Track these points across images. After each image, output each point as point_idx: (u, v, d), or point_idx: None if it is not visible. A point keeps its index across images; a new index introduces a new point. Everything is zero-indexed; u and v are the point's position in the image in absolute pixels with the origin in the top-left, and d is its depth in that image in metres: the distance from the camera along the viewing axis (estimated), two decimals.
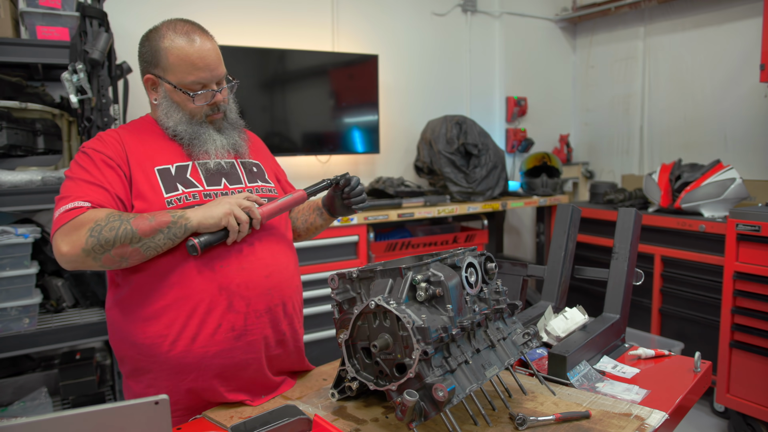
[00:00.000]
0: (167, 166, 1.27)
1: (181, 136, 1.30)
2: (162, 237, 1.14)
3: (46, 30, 2.08)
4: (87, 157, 1.24)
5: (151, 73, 1.30)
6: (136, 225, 1.12)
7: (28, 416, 1.96)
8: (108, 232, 1.10)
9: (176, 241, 1.17)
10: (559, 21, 4.31)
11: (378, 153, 3.40)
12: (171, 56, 1.25)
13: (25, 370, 2.33)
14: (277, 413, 1.08)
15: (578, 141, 4.49)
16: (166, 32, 1.28)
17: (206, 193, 1.27)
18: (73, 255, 1.12)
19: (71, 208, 1.15)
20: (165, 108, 1.30)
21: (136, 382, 1.26)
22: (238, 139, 1.37)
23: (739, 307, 2.59)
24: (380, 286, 1.09)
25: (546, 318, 1.51)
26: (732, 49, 3.46)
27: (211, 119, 1.32)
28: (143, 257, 1.16)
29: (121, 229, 1.11)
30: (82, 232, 1.11)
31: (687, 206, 3.00)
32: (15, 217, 2.26)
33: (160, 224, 1.13)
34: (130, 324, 1.23)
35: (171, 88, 1.28)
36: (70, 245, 1.11)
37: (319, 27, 3.30)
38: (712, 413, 2.87)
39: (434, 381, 0.95)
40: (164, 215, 1.15)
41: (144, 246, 1.14)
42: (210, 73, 1.27)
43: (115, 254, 1.13)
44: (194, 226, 1.16)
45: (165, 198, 1.23)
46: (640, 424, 1.08)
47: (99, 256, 1.12)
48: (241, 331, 1.24)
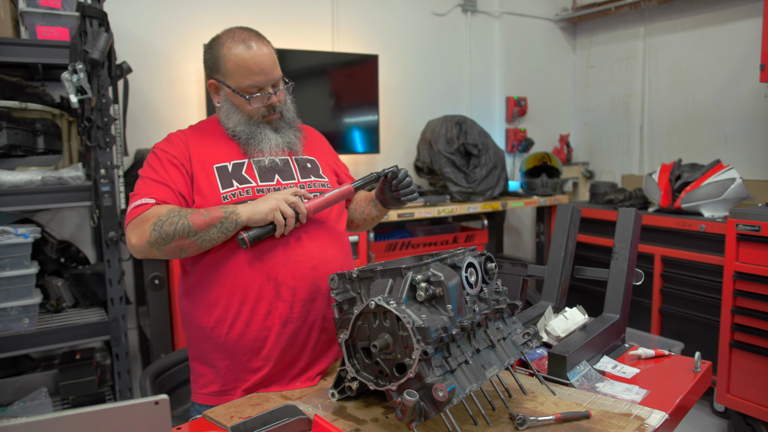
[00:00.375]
0: (225, 164, 1.37)
1: (239, 136, 1.40)
2: (215, 231, 1.25)
3: (46, 30, 2.08)
4: (155, 157, 1.37)
5: (213, 79, 1.41)
6: (192, 220, 1.23)
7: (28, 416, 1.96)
8: (168, 226, 1.23)
9: (229, 234, 1.26)
10: (559, 21, 4.31)
11: (378, 153, 3.40)
12: (229, 62, 1.35)
13: (25, 370, 2.33)
14: (277, 413, 1.08)
15: (578, 141, 4.49)
16: (226, 40, 1.37)
17: (259, 189, 1.36)
18: (140, 246, 1.25)
19: (139, 204, 1.28)
20: (226, 110, 1.41)
21: (200, 363, 1.38)
22: (293, 137, 1.45)
23: (739, 307, 2.59)
24: (380, 286, 1.09)
25: (546, 318, 1.51)
26: (732, 49, 3.46)
27: (267, 119, 1.41)
28: (200, 249, 1.28)
29: (180, 224, 1.23)
30: (147, 226, 1.24)
31: (687, 206, 3.00)
32: (15, 217, 2.26)
33: (213, 219, 1.24)
34: (195, 309, 1.36)
35: (230, 92, 1.37)
36: (138, 237, 1.25)
37: (319, 27, 3.30)
38: (712, 413, 2.87)
39: (434, 381, 0.95)
40: (217, 210, 1.25)
41: (200, 239, 1.25)
42: (265, 77, 1.36)
43: (175, 246, 1.25)
44: (244, 221, 1.25)
45: (221, 193, 1.33)
46: (640, 424, 1.08)
47: (162, 248, 1.25)
48: (287, 318, 1.33)
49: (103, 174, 2.12)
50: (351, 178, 1.62)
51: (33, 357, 2.41)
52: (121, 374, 2.20)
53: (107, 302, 2.17)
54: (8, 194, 1.98)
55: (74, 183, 2.10)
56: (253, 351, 1.32)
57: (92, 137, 2.10)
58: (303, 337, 1.35)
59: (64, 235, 2.61)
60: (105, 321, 2.18)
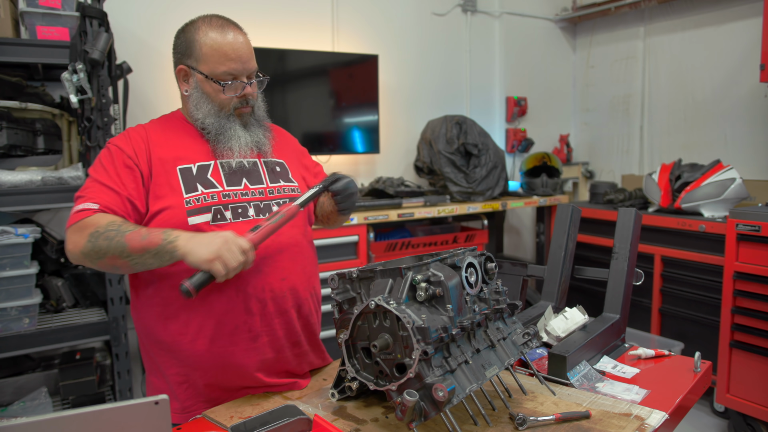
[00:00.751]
0: (189, 166, 1.29)
1: (209, 130, 1.32)
2: (149, 256, 1.14)
3: (46, 30, 2.08)
4: (108, 154, 1.27)
5: (183, 64, 1.31)
6: (128, 240, 1.13)
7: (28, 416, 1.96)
8: (103, 240, 1.13)
9: (164, 263, 1.15)
10: (559, 21, 4.31)
11: (378, 153, 3.40)
12: (204, 47, 1.27)
13: (25, 370, 2.33)
14: (277, 413, 1.08)
15: (578, 141, 4.49)
16: (201, 25, 1.30)
17: (225, 194, 1.29)
18: (74, 254, 1.18)
19: (82, 209, 1.19)
20: (195, 99, 1.32)
21: (158, 378, 1.32)
22: (262, 137, 1.38)
23: (739, 307, 2.59)
24: (380, 286, 1.09)
25: (546, 318, 1.51)
26: (732, 49, 3.46)
27: (239, 112, 1.33)
28: (133, 270, 1.19)
29: (114, 241, 1.13)
30: (83, 235, 1.16)
31: (687, 206, 3.00)
32: (15, 217, 2.26)
33: (150, 244, 1.12)
34: (152, 322, 1.28)
35: (202, 78, 1.29)
36: (73, 245, 1.18)
37: (319, 27, 3.30)
38: (712, 413, 2.87)
39: (434, 381, 0.95)
40: (157, 235, 1.13)
41: (132, 261, 1.15)
42: (242, 65, 1.29)
43: (108, 263, 1.16)
44: (180, 256, 1.12)
45: (184, 198, 1.25)
46: (640, 424, 1.08)
47: (95, 261, 1.17)
48: (257, 333, 1.28)
49: None
50: (321, 177, 1.55)
51: (33, 357, 2.41)
52: (121, 374, 2.20)
53: (107, 302, 2.17)
54: (8, 194, 1.98)
55: (74, 183, 2.10)
56: (219, 367, 1.26)
57: (92, 137, 2.10)
58: (273, 353, 1.30)
59: (64, 235, 2.61)
60: (105, 321, 2.18)
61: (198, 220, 1.25)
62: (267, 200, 1.35)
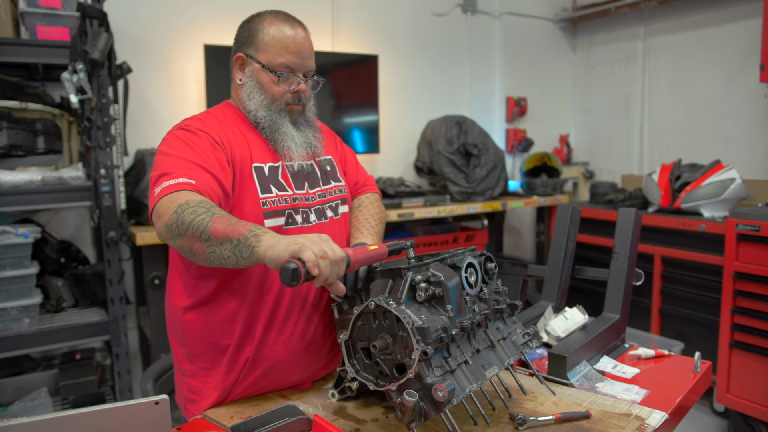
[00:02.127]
0: (261, 165, 1.26)
1: (262, 125, 1.29)
2: (228, 248, 0.98)
3: (46, 30, 2.08)
4: (191, 134, 1.19)
5: (242, 52, 1.30)
6: (214, 222, 0.99)
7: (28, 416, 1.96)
8: (189, 215, 1.01)
9: (239, 262, 0.99)
10: (559, 21, 4.31)
11: (378, 153, 3.40)
12: (267, 36, 1.26)
13: (25, 370, 2.33)
14: (277, 413, 1.08)
15: (578, 141, 4.49)
16: (267, 16, 1.29)
17: (294, 197, 1.27)
18: (159, 228, 1.06)
19: (175, 183, 1.08)
20: (249, 89, 1.29)
21: (201, 381, 1.28)
22: (312, 137, 1.35)
23: (739, 307, 2.59)
24: (380, 286, 1.09)
25: (546, 318, 1.51)
26: (732, 49, 3.46)
27: (290, 108, 1.31)
28: (207, 262, 1.03)
29: (199, 218, 1.00)
30: (171, 207, 1.04)
31: (687, 206, 3.00)
32: (15, 217, 2.26)
33: (233, 233, 0.98)
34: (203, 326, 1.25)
35: (259, 68, 1.27)
36: (159, 218, 1.06)
37: (319, 27, 3.30)
38: (712, 413, 2.87)
39: (434, 381, 0.95)
40: (245, 226, 0.99)
41: (209, 249, 1.00)
42: (300, 60, 1.28)
43: (186, 243, 1.02)
44: (260, 254, 0.95)
45: (260, 198, 1.21)
46: (640, 424, 1.08)
47: (175, 239, 1.03)
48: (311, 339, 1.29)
49: (103, 174, 2.12)
50: (361, 170, 1.56)
51: (33, 357, 2.41)
52: (121, 374, 2.20)
53: (107, 302, 2.17)
54: (8, 194, 1.98)
55: (74, 183, 2.10)
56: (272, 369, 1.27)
57: (92, 137, 2.10)
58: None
59: (64, 235, 2.61)
60: (105, 321, 2.18)
61: (273, 223, 1.22)
62: (323, 203, 1.34)
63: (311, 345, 1.30)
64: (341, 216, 1.40)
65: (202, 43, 2.79)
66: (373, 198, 1.55)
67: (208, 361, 1.25)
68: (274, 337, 1.25)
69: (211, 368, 1.25)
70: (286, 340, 1.26)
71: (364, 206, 1.49)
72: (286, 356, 1.26)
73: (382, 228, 1.49)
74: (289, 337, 1.26)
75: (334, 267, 0.93)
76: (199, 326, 1.25)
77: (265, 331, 1.24)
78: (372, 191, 1.58)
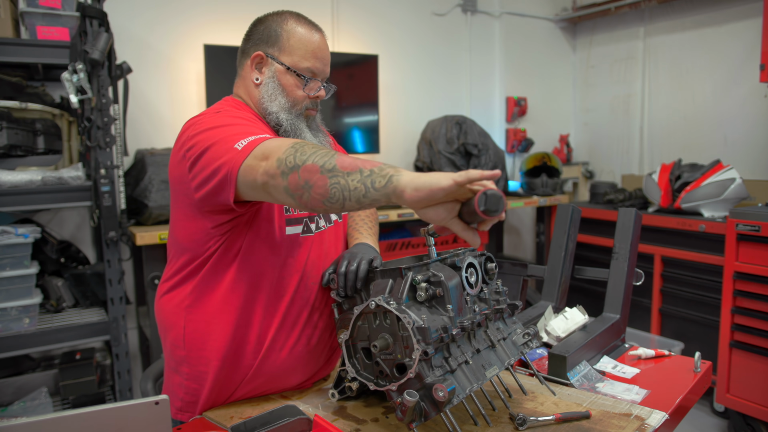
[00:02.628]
0: None
1: (285, 128, 1.25)
2: (358, 178, 0.93)
3: (46, 30, 2.08)
4: (225, 113, 1.16)
5: (262, 51, 1.26)
6: (339, 156, 0.96)
7: (28, 416, 1.96)
8: (310, 148, 0.97)
9: (370, 191, 0.92)
10: (559, 21, 4.31)
11: (378, 153, 3.40)
12: (292, 38, 1.24)
13: (25, 370, 2.33)
14: (277, 413, 1.08)
15: (578, 141, 4.49)
16: (288, 17, 1.27)
17: None
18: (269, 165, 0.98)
19: (258, 138, 1.03)
20: (270, 90, 1.25)
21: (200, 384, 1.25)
22: (325, 143, 1.34)
23: (739, 307, 2.59)
24: (380, 286, 1.09)
25: (546, 318, 1.51)
26: (732, 49, 3.46)
27: (308, 113, 1.29)
28: (324, 195, 0.95)
29: (321, 152, 0.97)
30: (283, 145, 0.99)
31: (687, 206, 3.00)
32: (15, 217, 2.26)
33: (364, 165, 0.94)
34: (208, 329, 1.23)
35: (282, 69, 1.24)
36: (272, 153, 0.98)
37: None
38: (712, 413, 2.87)
39: (434, 381, 0.95)
40: (374, 161, 0.96)
41: (333, 179, 0.94)
42: (323, 67, 1.27)
43: (303, 175, 0.96)
44: (401, 183, 0.89)
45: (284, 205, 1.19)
46: (640, 424, 1.08)
47: (287, 174, 0.96)
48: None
49: (103, 174, 2.12)
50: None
51: (33, 357, 2.41)
52: (121, 374, 2.20)
53: (107, 302, 2.17)
54: (8, 194, 1.98)
55: (74, 183, 2.10)
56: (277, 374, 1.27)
57: (92, 137, 2.10)
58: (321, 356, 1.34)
59: (64, 235, 2.61)
60: (105, 321, 2.18)
61: (292, 230, 1.22)
62: None
63: (315, 349, 1.30)
64: (343, 218, 1.40)
65: (202, 43, 2.78)
66: None
67: (209, 365, 1.24)
68: (281, 344, 1.25)
69: (211, 372, 1.25)
70: (293, 345, 1.26)
71: None
72: (290, 361, 1.26)
73: (378, 229, 1.48)
74: (295, 343, 1.26)
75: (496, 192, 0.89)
76: (202, 329, 1.24)
77: (274, 338, 1.24)
78: None
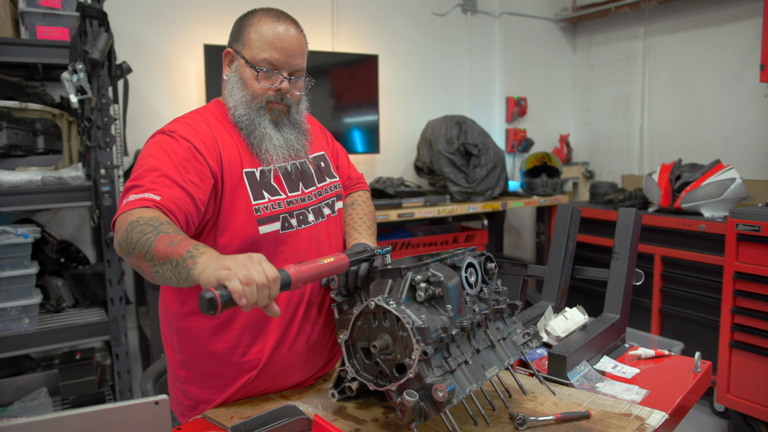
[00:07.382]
0: (252, 170, 1.23)
1: (239, 123, 1.25)
2: (169, 269, 0.95)
3: (46, 30, 2.08)
4: (175, 143, 1.14)
5: (230, 47, 1.28)
6: (158, 241, 0.96)
7: (28, 416, 1.97)
8: (137, 234, 0.98)
9: (181, 281, 0.94)
10: (559, 21, 4.31)
11: (378, 153, 3.40)
12: (253, 32, 1.24)
13: (25, 370, 2.33)
14: (277, 413, 1.08)
15: (578, 141, 4.49)
16: (259, 12, 1.27)
17: (289, 201, 1.25)
18: (114, 245, 1.04)
19: (140, 198, 1.05)
20: (231, 84, 1.27)
21: (199, 387, 1.26)
22: (294, 139, 1.30)
23: (739, 307, 2.59)
24: (380, 287, 1.09)
25: (546, 318, 1.51)
26: (732, 49, 3.45)
27: (271, 106, 1.27)
28: (153, 279, 0.99)
29: (145, 237, 0.97)
30: (124, 224, 1.01)
31: (687, 206, 3.00)
32: (15, 217, 2.26)
33: (173, 253, 0.94)
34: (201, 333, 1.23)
35: (243, 63, 1.25)
36: (116, 234, 1.04)
37: (319, 27, 3.30)
38: (712, 413, 2.87)
39: (434, 381, 0.95)
40: (185, 246, 0.94)
41: (154, 269, 0.97)
42: (284, 57, 1.24)
43: (135, 262, 1.00)
44: (194, 276, 0.91)
45: (253, 205, 1.19)
46: (640, 424, 1.08)
47: (127, 256, 1.01)
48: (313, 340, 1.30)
49: (103, 174, 2.12)
50: (348, 164, 1.56)
51: (33, 357, 2.41)
52: (121, 374, 2.20)
53: (107, 302, 2.17)
54: (8, 194, 1.98)
55: (74, 183, 2.10)
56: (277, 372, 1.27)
57: (92, 137, 2.10)
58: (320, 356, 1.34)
59: (64, 235, 2.61)
60: (105, 321, 2.18)
61: (268, 228, 1.21)
62: (320, 202, 1.33)
63: (314, 346, 1.30)
64: (338, 213, 1.40)
65: (201, 43, 2.79)
66: (366, 196, 1.55)
67: (206, 369, 1.25)
68: (279, 341, 1.25)
69: (209, 375, 1.25)
70: (292, 342, 1.26)
71: (358, 205, 1.49)
72: (290, 359, 1.26)
73: (376, 228, 1.48)
74: (294, 340, 1.26)
75: (263, 291, 0.87)
76: (195, 334, 1.24)
77: (271, 336, 1.24)
78: (364, 189, 1.58)
